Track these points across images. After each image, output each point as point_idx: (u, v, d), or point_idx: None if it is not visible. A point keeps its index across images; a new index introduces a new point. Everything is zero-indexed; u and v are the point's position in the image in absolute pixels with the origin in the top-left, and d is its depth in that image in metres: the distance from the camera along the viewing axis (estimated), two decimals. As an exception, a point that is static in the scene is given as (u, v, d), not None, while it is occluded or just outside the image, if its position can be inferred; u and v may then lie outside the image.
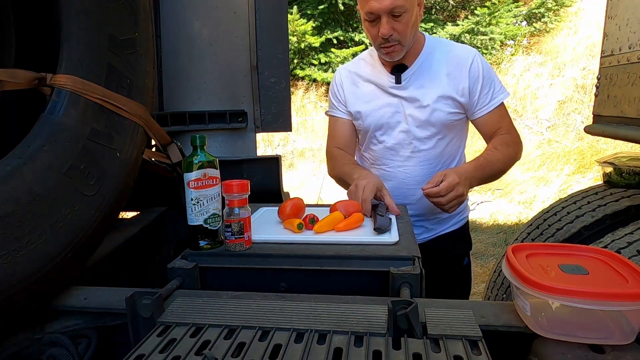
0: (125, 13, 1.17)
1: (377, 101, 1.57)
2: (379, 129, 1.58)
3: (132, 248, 1.52)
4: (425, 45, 1.53)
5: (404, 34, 1.40)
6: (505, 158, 1.49)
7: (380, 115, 1.56)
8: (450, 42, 1.60)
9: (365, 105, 1.58)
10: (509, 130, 1.53)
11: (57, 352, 0.94)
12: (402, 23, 1.38)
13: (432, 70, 1.50)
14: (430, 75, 1.50)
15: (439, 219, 1.65)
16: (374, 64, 1.58)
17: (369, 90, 1.59)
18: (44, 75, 1.02)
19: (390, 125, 1.56)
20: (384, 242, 1.09)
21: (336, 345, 0.73)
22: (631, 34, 1.55)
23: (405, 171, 1.58)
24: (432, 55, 1.52)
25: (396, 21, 1.37)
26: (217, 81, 1.79)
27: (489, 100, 1.51)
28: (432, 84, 1.50)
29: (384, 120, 1.56)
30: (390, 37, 1.39)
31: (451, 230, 1.67)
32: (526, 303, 0.78)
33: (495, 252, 4.10)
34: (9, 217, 0.85)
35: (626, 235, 1.35)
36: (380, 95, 1.57)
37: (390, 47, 1.42)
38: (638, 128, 1.48)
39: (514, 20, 8.57)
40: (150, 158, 1.57)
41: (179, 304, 0.89)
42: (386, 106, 1.55)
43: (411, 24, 1.40)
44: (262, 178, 1.82)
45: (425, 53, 1.52)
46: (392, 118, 1.55)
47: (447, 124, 1.52)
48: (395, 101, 1.54)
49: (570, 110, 7.17)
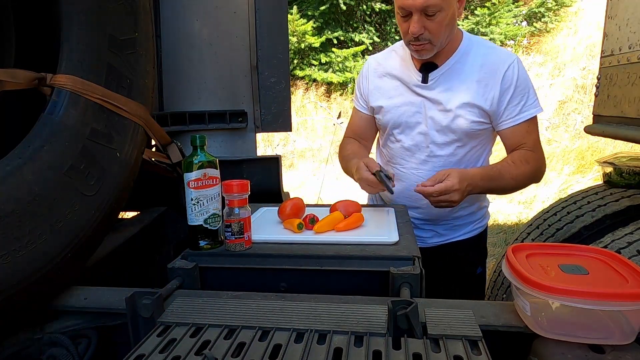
0: (125, 13, 1.17)
1: (399, 98, 1.48)
2: (397, 127, 1.50)
3: (132, 248, 1.52)
4: (461, 45, 1.41)
5: (436, 33, 1.29)
6: (520, 176, 1.38)
7: (401, 113, 1.48)
8: (490, 45, 1.47)
9: (387, 101, 1.51)
10: (534, 148, 1.42)
11: (57, 352, 0.94)
12: (436, 22, 1.27)
13: (463, 74, 1.40)
14: (460, 78, 1.40)
15: (452, 225, 1.57)
16: (405, 58, 1.49)
17: (394, 85, 1.50)
18: (44, 75, 1.02)
19: (409, 124, 1.48)
20: (384, 242, 1.09)
21: (336, 345, 0.73)
22: (631, 34, 1.54)
23: (418, 174, 1.49)
24: (466, 57, 1.40)
25: (429, 20, 1.27)
26: (217, 81, 1.79)
27: (517, 112, 1.39)
28: (459, 88, 1.39)
29: (403, 118, 1.48)
30: (421, 36, 1.30)
31: (466, 238, 1.59)
32: (526, 303, 0.78)
33: (495, 252, 4.09)
34: (9, 217, 0.85)
35: (626, 235, 1.35)
36: (404, 92, 1.48)
37: (419, 45, 1.33)
38: (638, 128, 1.48)
39: (514, 20, 8.58)
40: (150, 158, 1.57)
41: (179, 304, 0.89)
42: (408, 104, 1.47)
43: (445, 23, 1.29)
44: (262, 178, 1.82)
45: (459, 54, 1.41)
46: (412, 117, 1.47)
47: (469, 133, 1.43)
48: (418, 100, 1.45)
49: (570, 110, 7.17)
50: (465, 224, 1.58)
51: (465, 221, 1.58)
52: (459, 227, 1.58)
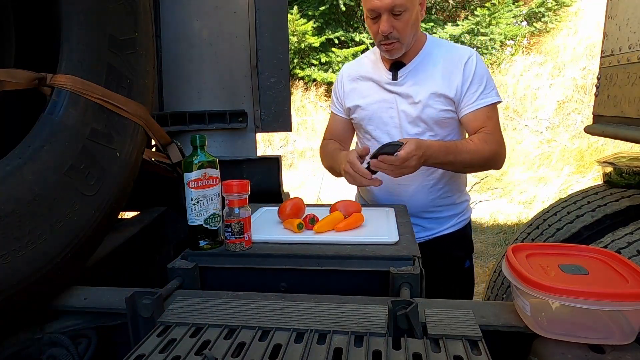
0: (125, 13, 1.17)
1: (373, 96, 1.60)
2: (372, 123, 1.61)
3: (132, 248, 1.52)
4: (426, 45, 1.56)
5: (403, 32, 1.43)
6: (477, 153, 1.44)
7: (375, 110, 1.59)
8: (451, 43, 1.62)
9: (362, 100, 1.63)
10: (493, 132, 1.50)
11: (57, 352, 0.94)
12: (402, 21, 1.41)
13: (429, 69, 1.53)
14: (427, 73, 1.53)
15: (437, 218, 1.64)
16: (375, 61, 1.62)
17: (367, 86, 1.62)
18: (44, 75, 1.02)
19: (383, 120, 1.59)
20: (384, 242, 1.09)
21: (336, 345, 0.73)
22: (631, 34, 1.54)
23: None
24: (430, 55, 1.54)
25: (396, 19, 1.41)
26: (217, 81, 1.79)
27: (476, 98, 1.49)
28: (426, 81, 1.52)
29: (377, 114, 1.59)
30: (390, 35, 1.43)
31: (450, 232, 1.66)
32: (526, 303, 0.78)
33: (495, 252, 4.10)
34: (9, 217, 0.85)
35: (626, 235, 1.35)
36: (377, 90, 1.60)
37: (389, 44, 1.46)
38: (638, 128, 1.48)
39: (514, 20, 8.57)
40: (150, 158, 1.57)
41: (179, 304, 0.89)
42: (381, 101, 1.58)
43: (411, 22, 1.43)
44: (262, 178, 1.82)
45: (424, 53, 1.55)
46: (385, 113, 1.58)
47: (439, 121, 1.53)
48: (390, 97, 1.57)
49: (570, 110, 7.17)
50: (448, 216, 1.65)
51: (448, 213, 1.65)
52: (443, 220, 1.65)
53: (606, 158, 2.00)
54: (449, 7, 9.14)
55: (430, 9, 8.96)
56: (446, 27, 8.47)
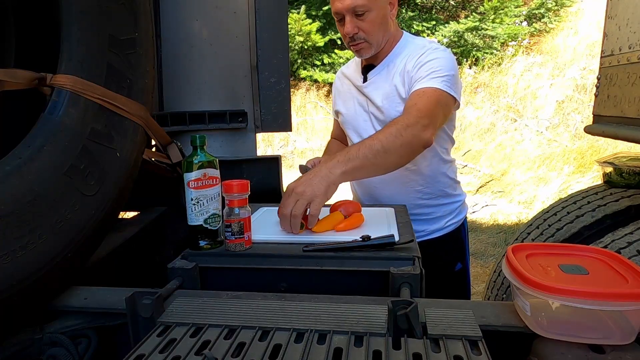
0: (125, 13, 1.17)
1: (352, 100, 1.62)
2: (350, 127, 1.63)
3: (132, 248, 1.52)
4: (397, 45, 1.52)
5: (369, 32, 1.41)
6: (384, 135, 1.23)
7: (352, 114, 1.61)
8: (422, 39, 1.53)
9: (343, 104, 1.66)
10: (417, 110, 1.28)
11: (57, 352, 0.94)
12: (367, 22, 1.40)
13: (392, 70, 1.49)
14: (389, 75, 1.50)
15: (425, 219, 1.60)
16: (358, 64, 1.63)
17: (347, 88, 1.65)
18: (44, 75, 1.02)
19: (359, 124, 1.60)
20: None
21: (336, 345, 0.73)
22: (631, 34, 1.54)
23: None
24: (397, 55, 1.50)
25: (360, 20, 1.40)
26: (217, 81, 1.79)
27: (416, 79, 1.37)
28: (385, 84, 1.50)
29: (354, 118, 1.61)
30: (356, 36, 1.42)
31: (440, 235, 1.62)
32: (526, 303, 0.78)
33: (495, 252, 4.09)
34: (9, 217, 0.85)
35: (626, 235, 1.35)
36: (354, 93, 1.61)
37: (357, 44, 1.45)
38: (638, 128, 1.48)
39: (515, 20, 8.58)
40: (150, 158, 1.57)
41: (179, 304, 0.89)
42: (357, 105, 1.60)
43: (378, 22, 1.41)
44: (262, 178, 1.82)
45: (393, 54, 1.51)
46: (360, 117, 1.59)
47: None
48: (363, 100, 1.58)
49: (570, 110, 7.17)
50: (436, 218, 1.61)
51: (435, 215, 1.61)
52: (432, 221, 1.61)
53: (606, 158, 2.00)
54: (449, 7, 9.14)
55: (430, 9, 8.96)
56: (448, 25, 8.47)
